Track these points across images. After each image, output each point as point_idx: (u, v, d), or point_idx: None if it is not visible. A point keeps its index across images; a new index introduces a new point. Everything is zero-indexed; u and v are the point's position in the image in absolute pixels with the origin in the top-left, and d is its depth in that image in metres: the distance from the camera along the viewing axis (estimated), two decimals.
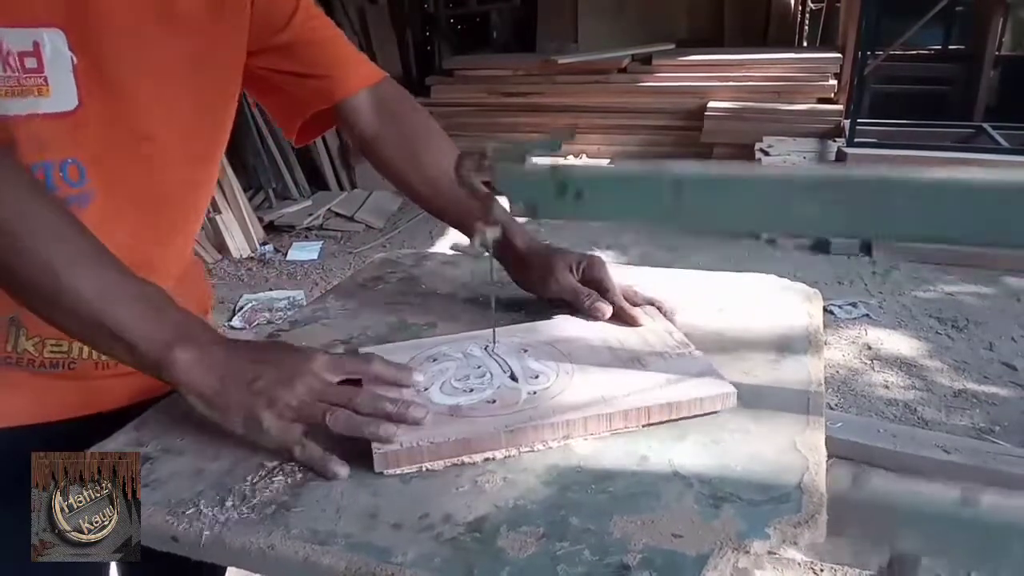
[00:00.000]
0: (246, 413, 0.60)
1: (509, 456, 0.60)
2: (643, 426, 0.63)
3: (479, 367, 0.71)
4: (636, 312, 0.81)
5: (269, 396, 0.59)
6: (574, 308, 0.83)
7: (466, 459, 0.59)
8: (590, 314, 0.81)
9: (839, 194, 0.54)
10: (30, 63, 0.63)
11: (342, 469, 0.58)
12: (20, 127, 0.64)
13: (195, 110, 0.77)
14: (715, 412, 0.65)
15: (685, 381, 0.67)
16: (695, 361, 0.71)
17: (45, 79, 0.64)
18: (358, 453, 0.59)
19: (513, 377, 0.69)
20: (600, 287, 0.83)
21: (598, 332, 0.78)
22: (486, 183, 0.67)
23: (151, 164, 0.73)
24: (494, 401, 0.65)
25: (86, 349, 0.74)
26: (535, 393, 0.66)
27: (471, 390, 0.67)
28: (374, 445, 0.59)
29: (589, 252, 0.88)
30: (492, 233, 0.70)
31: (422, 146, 0.90)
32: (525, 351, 0.73)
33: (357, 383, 0.64)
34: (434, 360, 0.73)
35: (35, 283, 0.59)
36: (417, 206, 0.94)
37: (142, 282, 0.62)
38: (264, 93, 0.90)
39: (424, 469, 0.59)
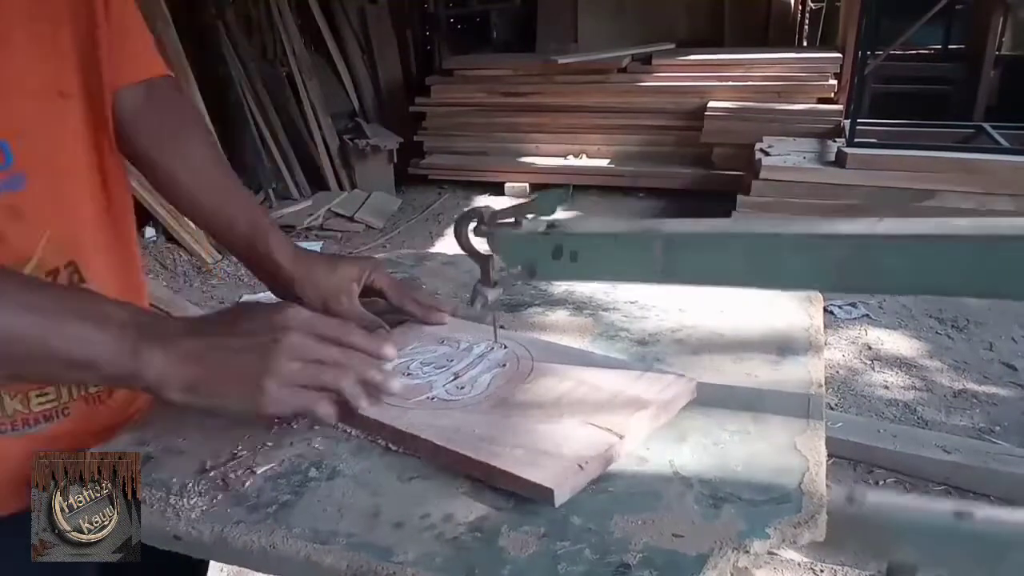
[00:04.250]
0: (245, 386, 0.56)
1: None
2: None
3: (450, 360, 0.73)
4: (438, 314, 0.81)
5: (263, 362, 0.56)
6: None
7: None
8: (426, 320, 0.80)
9: (828, 252, 0.56)
10: None
11: (364, 400, 0.59)
12: None
13: (87, 81, 0.69)
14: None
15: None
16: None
17: None
18: (356, 448, 0.59)
19: (456, 375, 0.70)
20: (387, 297, 0.81)
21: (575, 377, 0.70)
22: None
23: (64, 126, 0.67)
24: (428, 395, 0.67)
25: (75, 389, 0.69)
26: (433, 399, 0.66)
27: (418, 375, 0.70)
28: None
29: (369, 259, 0.85)
30: (493, 294, 0.72)
31: (186, 147, 0.81)
32: (503, 366, 0.71)
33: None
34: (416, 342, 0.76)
35: None
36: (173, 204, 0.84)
37: (73, 294, 0.58)
38: None
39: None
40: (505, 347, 0.75)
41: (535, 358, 0.72)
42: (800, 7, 6.47)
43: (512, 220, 0.69)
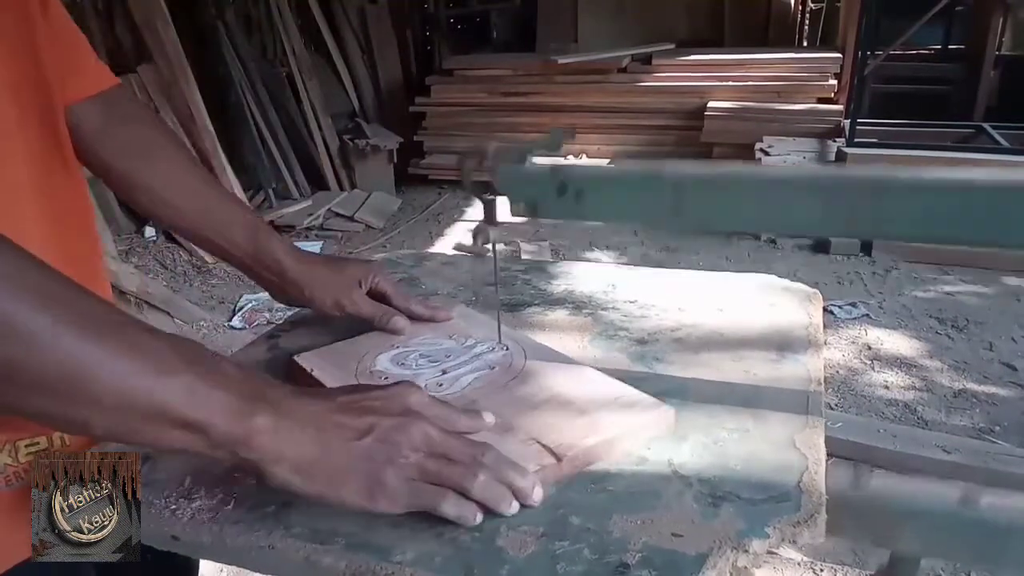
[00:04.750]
0: (364, 480, 0.49)
1: None
2: None
3: (447, 356, 0.74)
4: (443, 311, 0.81)
5: (388, 454, 0.49)
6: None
7: None
8: (389, 331, 0.78)
9: (838, 194, 0.54)
10: None
11: (480, 516, 0.51)
12: None
13: (24, 98, 0.62)
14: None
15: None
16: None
17: None
18: None
19: (444, 372, 0.70)
20: (390, 300, 0.80)
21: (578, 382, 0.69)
22: (487, 183, 0.67)
23: None
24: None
25: (66, 436, 0.63)
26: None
27: (410, 367, 0.71)
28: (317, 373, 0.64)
29: (371, 262, 0.85)
30: (494, 233, 0.71)
31: (155, 155, 0.77)
32: (492, 368, 0.71)
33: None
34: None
35: (44, 373, 0.43)
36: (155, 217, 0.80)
37: (173, 338, 0.48)
38: None
39: None
40: (507, 348, 0.75)
41: (526, 365, 0.71)
42: (800, 7, 6.47)
43: (516, 157, 0.67)
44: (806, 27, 6.67)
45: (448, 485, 0.51)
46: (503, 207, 0.69)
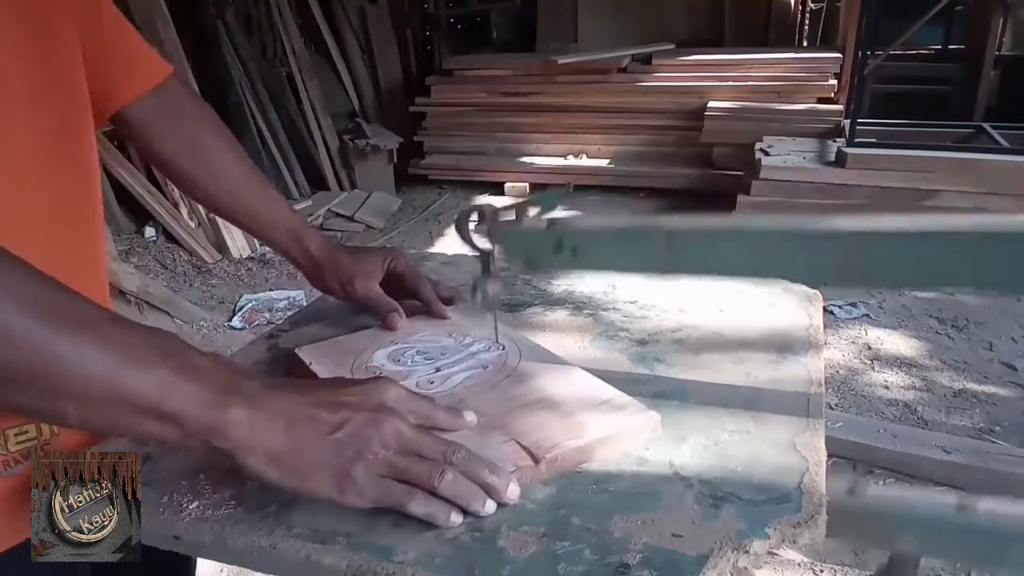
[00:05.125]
0: (334, 473, 0.50)
1: None
2: None
3: (443, 354, 0.74)
4: (443, 308, 0.83)
5: (358, 448, 0.50)
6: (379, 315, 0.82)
7: None
8: (385, 324, 0.81)
9: (827, 246, 0.56)
10: None
11: (458, 517, 0.51)
12: None
13: (36, 90, 0.62)
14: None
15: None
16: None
17: None
18: None
19: (438, 370, 0.71)
20: (407, 280, 0.84)
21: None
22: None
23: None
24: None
25: (56, 427, 0.64)
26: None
27: (406, 364, 0.73)
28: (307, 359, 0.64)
29: (391, 248, 0.89)
30: (493, 287, 0.72)
31: (206, 149, 0.82)
32: (485, 367, 0.72)
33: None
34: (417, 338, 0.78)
35: (19, 369, 0.45)
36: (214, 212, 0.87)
37: (151, 332, 0.50)
38: None
39: None
40: (503, 348, 0.75)
41: (519, 365, 0.71)
42: (800, 7, 6.47)
43: (513, 217, 0.69)
44: (806, 27, 6.67)
45: (415, 483, 0.51)
46: (499, 259, 0.71)
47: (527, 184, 4.99)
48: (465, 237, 0.72)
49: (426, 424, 0.56)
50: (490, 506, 0.52)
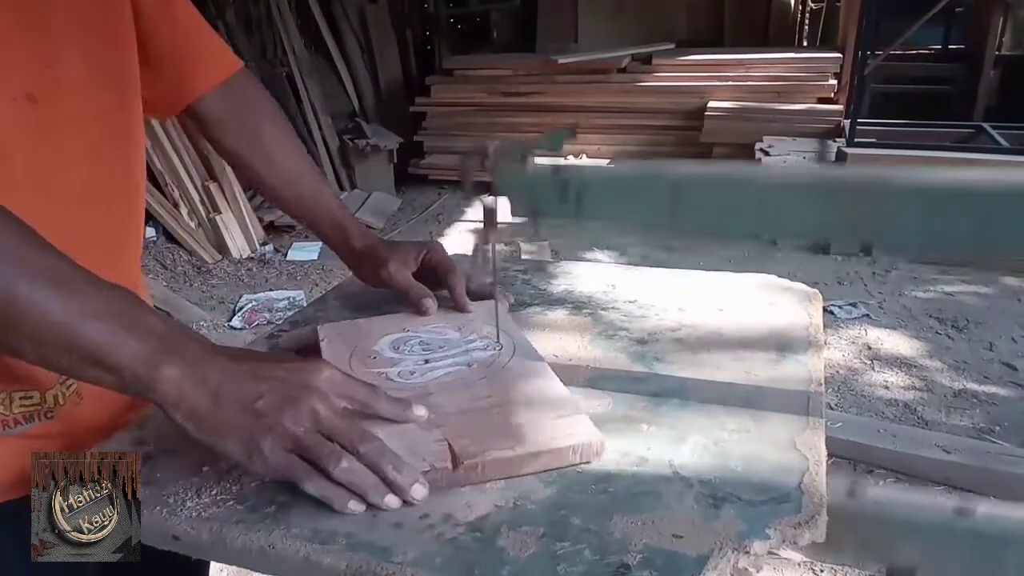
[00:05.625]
0: (245, 438, 0.53)
1: None
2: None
3: (441, 347, 0.75)
4: (466, 302, 0.84)
5: (271, 420, 0.53)
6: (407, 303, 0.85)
7: None
8: (417, 310, 0.83)
9: (838, 197, 0.54)
10: None
11: (358, 506, 0.53)
12: None
13: (91, 75, 0.67)
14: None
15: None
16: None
17: None
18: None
19: (427, 361, 0.73)
20: (440, 270, 0.85)
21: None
22: (487, 183, 0.67)
23: (40, 132, 0.63)
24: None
25: (60, 396, 0.68)
26: (382, 375, 0.69)
27: (403, 352, 0.74)
28: None
29: (430, 240, 0.92)
30: (494, 235, 0.71)
31: (267, 143, 0.87)
32: (470, 366, 0.72)
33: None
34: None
35: None
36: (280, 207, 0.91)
37: (113, 291, 0.55)
38: None
39: None
40: (500, 348, 0.75)
41: (504, 368, 0.71)
42: (800, 7, 6.47)
43: (518, 156, 0.67)
44: (806, 27, 6.67)
45: (314, 463, 0.53)
46: (503, 209, 0.69)
47: None
48: (468, 181, 0.70)
49: (365, 411, 0.59)
50: (391, 500, 0.53)
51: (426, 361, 0.72)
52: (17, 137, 0.61)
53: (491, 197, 0.69)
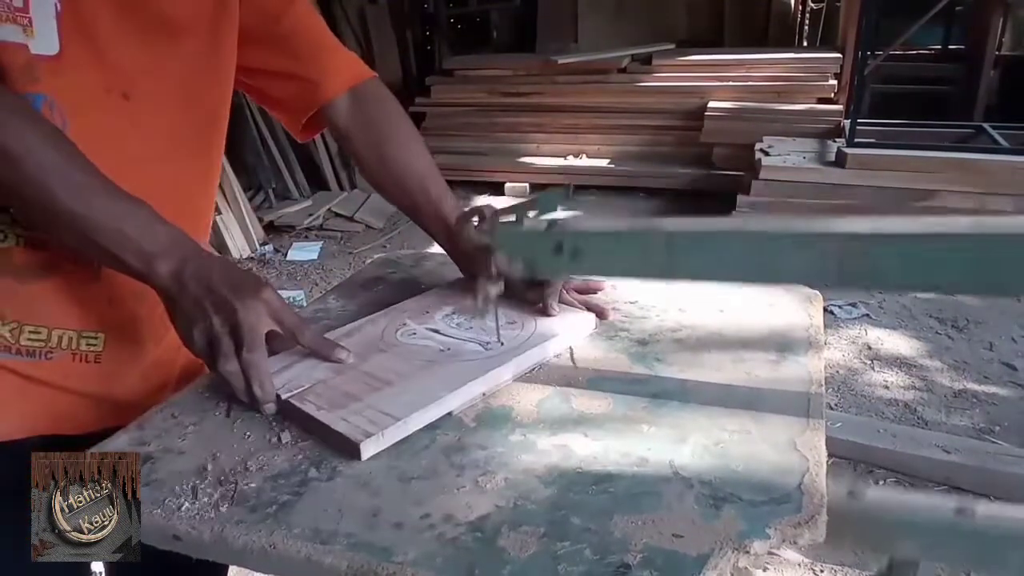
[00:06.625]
0: (187, 324, 0.67)
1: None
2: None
3: (456, 324, 0.80)
4: (552, 306, 0.83)
5: (208, 315, 0.66)
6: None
7: None
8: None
9: (827, 248, 0.56)
10: (16, 1, 0.64)
11: (270, 407, 0.67)
12: (8, 53, 0.65)
13: (180, 81, 0.77)
14: None
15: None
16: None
17: (30, 20, 0.65)
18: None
19: (421, 323, 0.79)
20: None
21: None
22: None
23: (130, 125, 0.73)
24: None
25: (64, 338, 0.74)
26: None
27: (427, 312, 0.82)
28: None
29: None
30: (494, 288, 0.72)
31: (392, 148, 0.92)
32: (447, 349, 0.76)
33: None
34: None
35: (34, 204, 0.64)
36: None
37: (132, 202, 0.67)
38: (256, 95, 0.92)
39: None
40: (501, 345, 0.75)
41: (453, 364, 0.72)
42: (800, 7, 6.47)
43: (513, 218, 0.69)
44: (806, 27, 6.67)
45: (208, 352, 0.67)
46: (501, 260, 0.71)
47: (527, 184, 4.99)
48: (465, 237, 0.72)
49: (291, 337, 0.71)
50: (247, 398, 0.67)
51: (436, 331, 0.79)
52: (106, 124, 0.71)
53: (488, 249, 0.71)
